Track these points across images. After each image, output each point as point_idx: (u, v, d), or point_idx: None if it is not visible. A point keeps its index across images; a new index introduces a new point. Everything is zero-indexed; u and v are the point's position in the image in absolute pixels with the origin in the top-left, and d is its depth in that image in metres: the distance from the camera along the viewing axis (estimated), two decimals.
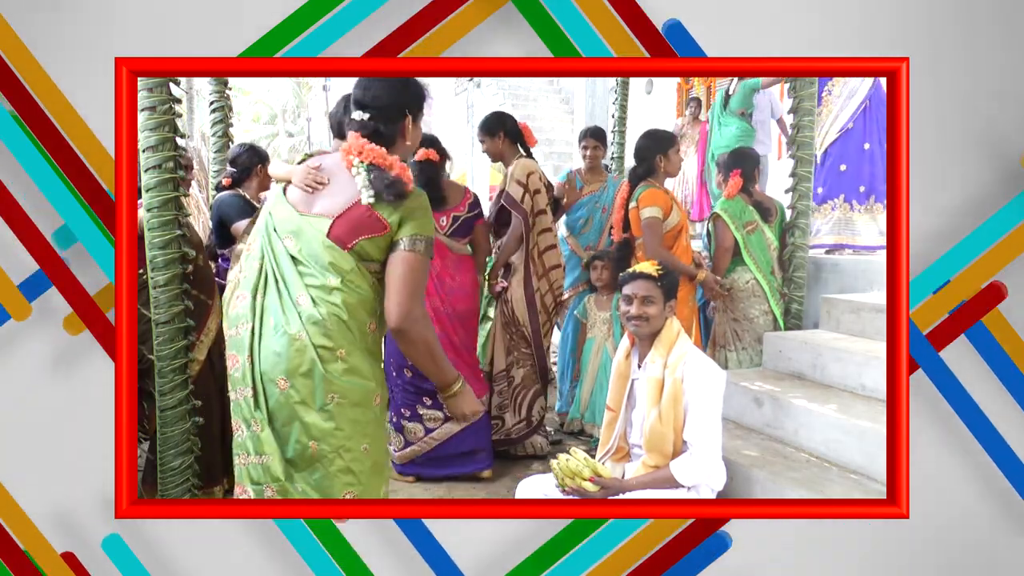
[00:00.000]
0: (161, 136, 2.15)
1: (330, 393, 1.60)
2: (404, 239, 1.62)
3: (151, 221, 2.19)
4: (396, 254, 1.62)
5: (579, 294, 3.66)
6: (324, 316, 1.59)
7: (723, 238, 3.46)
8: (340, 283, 1.61)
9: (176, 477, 2.24)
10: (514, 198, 3.19)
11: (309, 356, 1.58)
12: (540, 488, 2.22)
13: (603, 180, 3.81)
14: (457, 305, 3.04)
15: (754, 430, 2.68)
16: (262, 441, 1.61)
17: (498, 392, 3.27)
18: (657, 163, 3.06)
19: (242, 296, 1.69)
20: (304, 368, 1.59)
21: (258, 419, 1.61)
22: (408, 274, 1.61)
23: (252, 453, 1.63)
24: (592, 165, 3.81)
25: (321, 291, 1.61)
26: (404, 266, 1.61)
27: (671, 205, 3.06)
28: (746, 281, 3.42)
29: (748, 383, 2.79)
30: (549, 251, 3.28)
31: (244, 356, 1.65)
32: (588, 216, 3.75)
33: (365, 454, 1.67)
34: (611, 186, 3.77)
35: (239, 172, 3.01)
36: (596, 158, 3.79)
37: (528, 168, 3.22)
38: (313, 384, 1.59)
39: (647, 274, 2.20)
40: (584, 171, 3.82)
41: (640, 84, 8.03)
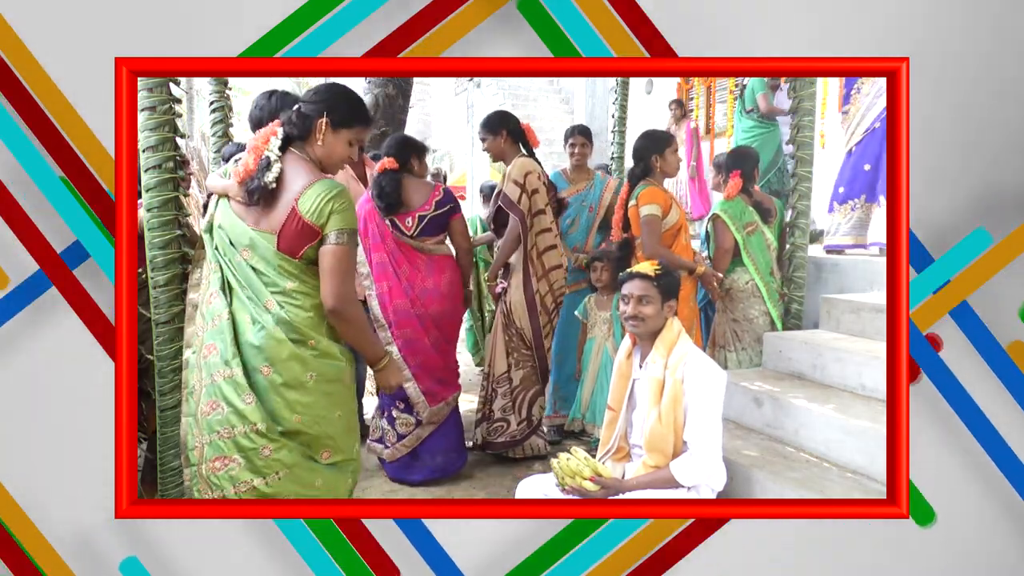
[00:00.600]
0: (161, 136, 2.15)
1: (308, 373, 1.87)
2: (331, 233, 1.83)
3: (151, 221, 2.19)
4: (325, 247, 1.84)
5: (570, 295, 3.63)
6: (291, 316, 1.85)
7: (723, 239, 3.46)
8: (298, 285, 1.86)
9: (176, 477, 2.25)
10: (511, 198, 3.18)
11: (287, 347, 1.84)
12: (540, 488, 2.22)
13: (589, 179, 3.76)
14: (431, 306, 3.01)
15: (754, 430, 2.68)
16: (252, 412, 1.83)
17: (501, 395, 3.26)
18: (653, 163, 3.06)
19: (215, 294, 1.92)
20: (284, 356, 1.84)
21: (247, 396, 1.84)
22: (336, 264, 1.83)
23: (241, 424, 1.84)
24: (578, 163, 3.75)
25: (284, 296, 1.86)
26: (332, 258, 1.83)
27: (670, 204, 3.06)
28: (746, 282, 3.42)
29: (748, 383, 2.79)
30: (549, 251, 3.26)
31: (224, 344, 1.86)
32: (575, 216, 3.70)
33: (339, 419, 1.95)
34: (597, 184, 3.73)
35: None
36: (583, 156, 3.74)
37: (526, 167, 3.20)
38: (293, 368, 1.85)
39: (644, 274, 2.20)
40: (570, 170, 3.78)
41: (640, 84, 8.04)
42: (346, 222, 1.84)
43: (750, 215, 3.48)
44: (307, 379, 1.86)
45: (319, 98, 1.90)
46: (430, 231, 3.08)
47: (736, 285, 3.43)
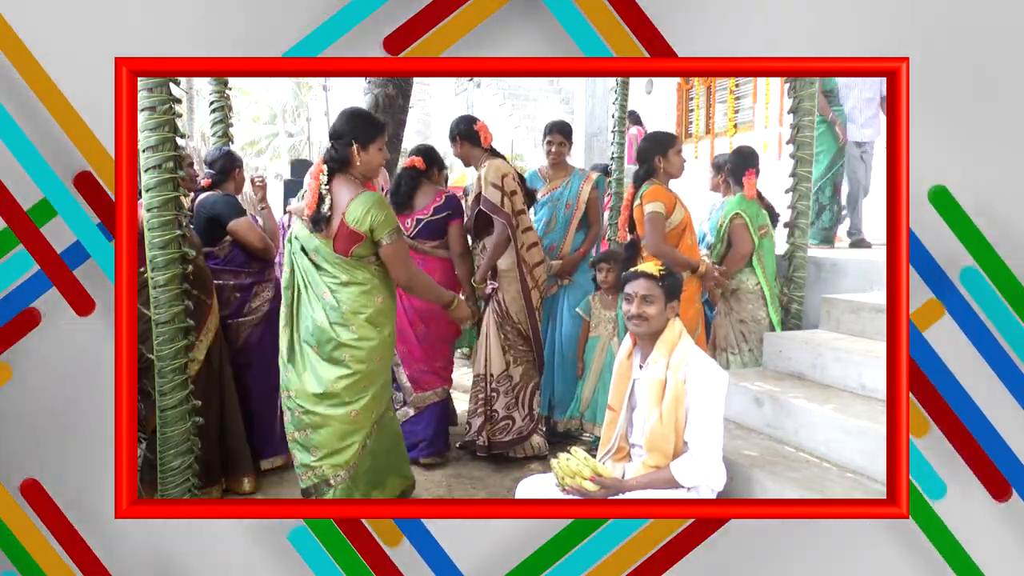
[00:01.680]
0: (161, 136, 2.16)
1: (345, 352, 2.39)
2: (383, 238, 2.38)
3: (151, 221, 2.19)
4: (382, 249, 2.41)
5: (552, 296, 3.59)
6: (338, 302, 2.38)
7: (743, 242, 3.40)
8: (349, 278, 2.40)
9: (176, 477, 2.24)
10: (493, 202, 3.15)
11: (330, 332, 2.38)
12: (540, 488, 2.22)
13: (566, 176, 3.66)
14: (416, 302, 3.16)
15: (754, 430, 2.67)
16: (291, 382, 2.44)
17: (503, 393, 3.26)
18: (657, 164, 3.06)
19: (288, 288, 2.48)
20: (327, 338, 2.38)
21: (288, 368, 2.45)
22: (395, 256, 2.44)
23: (286, 389, 2.47)
24: (556, 161, 3.63)
25: (337, 284, 2.39)
26: (391, 253, 2.43)
27: (674, 203, 3.05)
28: (755, 284, 3.41)
29: (748, 383, 2.79)
30: (533, 248, 3.26)
31: (288, 328, 2.47)
32: (551, 215, 3.62)
33: (365, 391, 2.45)
34: (575, 180, 3.63)
35: (218, 175, 3.07)
36: (560, 154, 3.63)
37: (501, 170, 3.17)
38: (332, 348, 2.39)
39: (648, 273, 2.20)
40: (547, 167, 3.69)
41: (640, 84, 8.05)
42: (389, 223, 2.38)
43: (763, 217, 3.46)
44: (344, 357, 2.38)
45: (344, 130, 2.39)
46: (427, 234, 3.26)
47: (745, 286, 3.41)
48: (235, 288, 3.03)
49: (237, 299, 3.03)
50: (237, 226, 2.97)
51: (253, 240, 3.01)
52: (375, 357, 2.44)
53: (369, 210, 2.32)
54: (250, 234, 3.00)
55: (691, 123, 7.85)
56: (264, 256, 3.09)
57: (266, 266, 3.13)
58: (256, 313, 3.07)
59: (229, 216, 2.97)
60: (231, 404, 2.88)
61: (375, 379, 2.46)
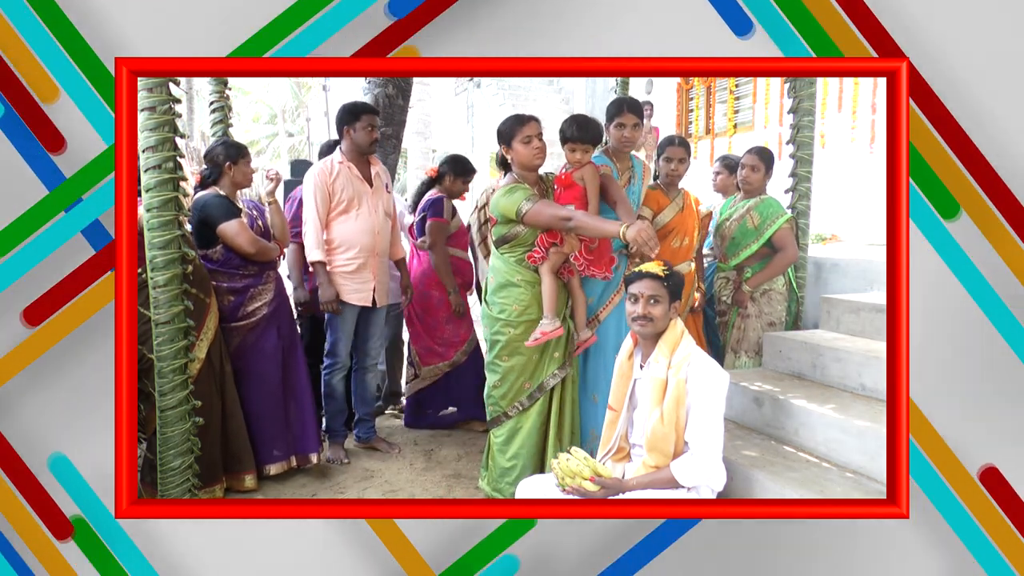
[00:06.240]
0: (161, 136, 2.16)
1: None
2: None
3: (151, 221, 2.19)
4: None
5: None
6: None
7: (794, 249, 3.39)
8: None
9: (176, 477, 2.25)
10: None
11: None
12: (540, 488, 2.22)
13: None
14: (413, 286, 3.74)
15: (754, 430, 2.68)
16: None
17: None
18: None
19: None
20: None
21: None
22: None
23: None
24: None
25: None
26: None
27: (663, 206, 3.13)
28: (782, 284, 3.41)
29: (748, 383, 2.79)
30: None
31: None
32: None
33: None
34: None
35: (209, 170, 2.93)
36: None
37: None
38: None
39: (654, 274, 2.19)
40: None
41: (640, 84, 8.04)
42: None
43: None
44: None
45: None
46: (421, 231, 3.80)
47: (775, 287, 3.41)
48: (228, 291, 2.90)
49: (230, 303, 2.90)
50: (226, 229, 2.84)
51: (243, 244, 2.86)
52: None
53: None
54: (239, 238, 2.86)
55: (691, 123, 7.85)
56: (258, 259, 2.94)
57: (264, 268, 2.98)
58: (251, 318, 2.93)
59: (217, 219, 2.85)
60: (232, 402, 2.83)
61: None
